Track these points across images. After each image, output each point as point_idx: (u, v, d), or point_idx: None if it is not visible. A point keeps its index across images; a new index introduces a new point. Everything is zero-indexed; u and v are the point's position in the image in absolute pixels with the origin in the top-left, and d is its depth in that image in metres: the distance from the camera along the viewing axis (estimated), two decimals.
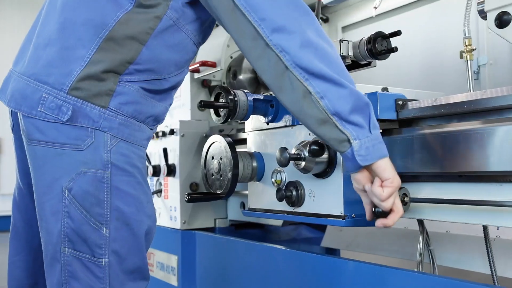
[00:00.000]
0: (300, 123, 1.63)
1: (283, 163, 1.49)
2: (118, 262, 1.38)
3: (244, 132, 1.92)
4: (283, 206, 1.67)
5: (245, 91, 1.66)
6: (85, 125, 1.34)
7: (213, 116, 1.69)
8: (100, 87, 1.34)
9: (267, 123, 1.75)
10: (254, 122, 1.83)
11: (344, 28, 2.89)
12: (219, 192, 1.75)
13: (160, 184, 2.66)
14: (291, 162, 1.51)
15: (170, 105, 1.55)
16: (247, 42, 1.30)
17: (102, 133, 1.36)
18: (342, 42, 1.60)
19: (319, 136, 1.33)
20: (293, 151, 1.51)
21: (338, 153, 1.49)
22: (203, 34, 1.50)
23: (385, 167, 1.31)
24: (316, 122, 1.29)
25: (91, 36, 1.34)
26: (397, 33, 1.55)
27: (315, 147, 1.46)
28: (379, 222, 1.35)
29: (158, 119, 1.51)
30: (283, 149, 1.49)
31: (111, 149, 1.37)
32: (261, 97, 1.69)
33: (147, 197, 1.45)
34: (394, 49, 1.56)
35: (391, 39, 1.60)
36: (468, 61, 1.73)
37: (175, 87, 1.51)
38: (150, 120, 1.46)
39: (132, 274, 1.42)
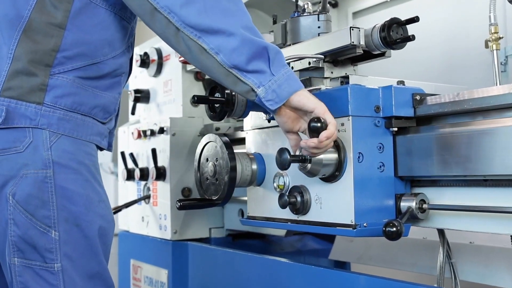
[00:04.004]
0: None
1: (283, 166, 1.49)
2: (72, 267, 1.43)
3: (243, 130, 1.91)
4: (287, 214, 1.67)
5: None
6: (22, 125, 1.41)
7: (208, 113, 1.69)
8: (31, 83, 1.41)
9: (269, 121, 1.74)
10: (254, 119, 1.83)
11: (355, 14, 2.89)
12: (214, 198, 1.75)
13: (148, 189, 2.66)
14: (296, 165, 1.51)
15: (120, 94, 1.61)
16: (138, 10, 1.41)
17: (41, 131, 1.42)
18: (352, 29, 1.59)
19: (229, 88, 1.47)
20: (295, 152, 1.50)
21: (347, 156, 1.49)
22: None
23: (302, 100, 1.41)
24: (221, 75, 1.39)
25: (9, 31, 1.43)
26: (414, 20, 1.55)
27: (315, 124, 1.42)
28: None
29: (108, 110, 1.56)
30: (283, 150, 1.48)
31: (51, 146, 1.42)
32: None
33: (98, 196, 1.50)
34: (411, 38, 1.56)
35: (407, 26, 1.60)
36: (494, 51, 1.73)
37: (118, 72, 1.56)
38: (97, 112, 1.52)
39: (92, 280, 1.47)
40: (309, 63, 1.70)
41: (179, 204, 1.75)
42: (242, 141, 2.01)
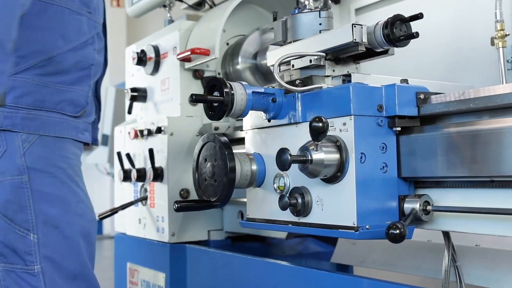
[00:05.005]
0: (306, 120, 1.63)
1: (283, 167, 1.49)
2: (54, 269, 1.51)
3: (242, 130, 1.91)
4: (287, 215, 1.67)
5: (243, 83, 1.66)
6: None
7: (206, 112, 1.69)
8: None
9: (269, 120, 1.74)
10: (254, 119, 1.83)
11: (358, 11, 2.88)
12: (213, 199, 1.75)
13: (146, 190, 2.66)
14: (297, 165, 1.51)
15: (90, 86, 1.66)
16: None
17: (13, 137, 1.49)
18: (355, 26, 1.59)
19: None
20: (296, 152, 1.50)
21: (349, 156, 1.49)
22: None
23: None
24: None
25: None
26: (418, 16, 1.54)
27: (317, 124, 1.42)
28: None
29: (78, 104, 1.61)
30: (283, 150, 1.48)
31: (25, 153, 1.51)
32: (262, 90, 1.68)
33: (76, 196, 1.58)
34: (415, 35, 1.56)
35: (411, 23, 1.59)
36: (501, 49, 1.73)
37: (83, 64, 1.61)
38: (64, 106, 1.58)
39: (75, 281, 1.54)
40: (310, 61, 1.69)
41: (177, 205, 1.75)
42: (241, 141, 2.01)
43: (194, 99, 1.62)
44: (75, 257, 1.55)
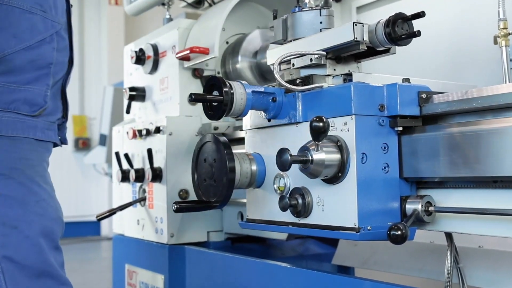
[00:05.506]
0: (307, 120, 1.63)
1: (284, 167, 1.49)
2: (16, 268, 1.54)
3: (242, 130, 1.91)
4: (288, 216, 1.67)
5: (243, 82, 1.66)
6: None
7: (206, 112, 1.69)
8: None
9: (269, 120, 1.74)
10: (253, 118, 1.83)
11: (359, 9, 2.88)
12: (212, 200, 1.75)
13: (144, 191, 2.66)
14: (297, 166, 1.51)
15: (48, 85, 1.67)
16: None
17: None
18: (356, 24, 1.59)
19: None
20: (296, 153, 1.50)
21: (350, 156, 1.49)
22: None
23: None
24: None
25: None
26: (420, 15, 1.54)
27: (317, 124, 1.43)
28: None
29: (34, 103, 1.63)
30: (284, 150, 1.48)
31: None
32: (262, 89, 1.68)
33: (36, 196, 1.61)
34: (417, 33, 1.56)
35: (413, 21, 1.59)
36: (503, 47, 1.73)
37: (40, 63, 1.62)
38: (19, 105, 1.59)
39: (40, 279, 1.57)
40: (311, 60, 1.69)
41: (176, 206, 1.75)
42: (241, 140, 2.01)
43: (193, 99, 1.62)
44: (37, 256, 1.58)
